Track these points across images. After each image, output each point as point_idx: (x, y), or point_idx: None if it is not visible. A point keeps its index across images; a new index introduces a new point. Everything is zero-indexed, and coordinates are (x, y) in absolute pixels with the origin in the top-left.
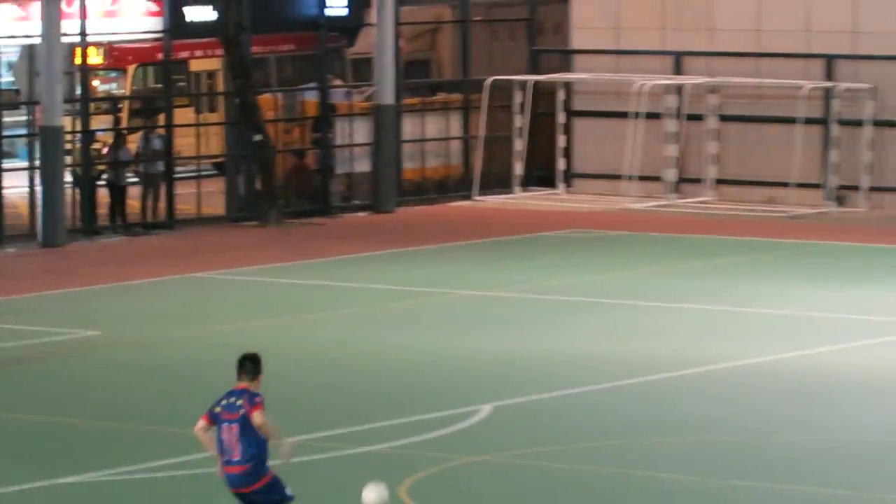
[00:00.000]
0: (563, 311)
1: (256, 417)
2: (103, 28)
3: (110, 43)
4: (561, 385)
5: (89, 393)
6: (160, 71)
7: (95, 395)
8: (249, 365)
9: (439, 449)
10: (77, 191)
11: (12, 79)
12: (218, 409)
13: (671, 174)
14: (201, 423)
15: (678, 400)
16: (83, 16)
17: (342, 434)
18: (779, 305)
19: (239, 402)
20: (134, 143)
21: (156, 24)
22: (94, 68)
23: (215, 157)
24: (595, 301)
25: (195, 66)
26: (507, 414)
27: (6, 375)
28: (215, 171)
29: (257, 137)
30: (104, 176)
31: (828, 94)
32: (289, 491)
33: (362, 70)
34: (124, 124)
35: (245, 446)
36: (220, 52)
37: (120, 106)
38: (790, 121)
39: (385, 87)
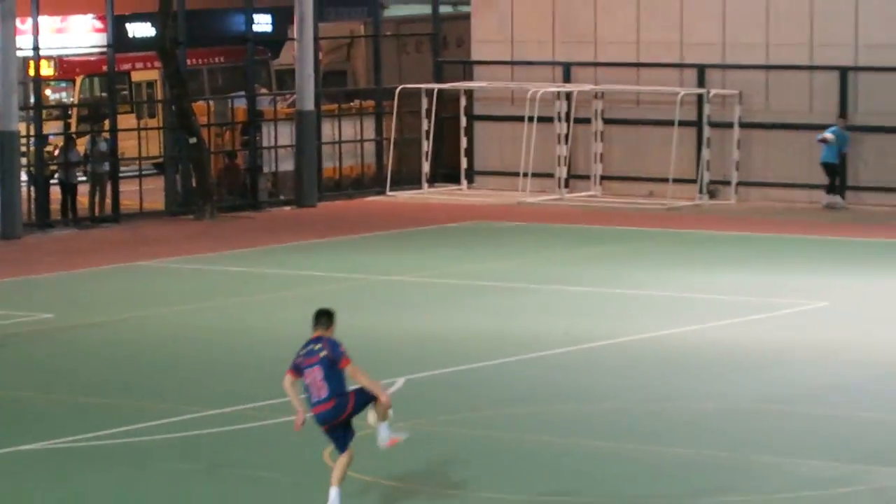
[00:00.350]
0: (468, 294)
1: (349, 371)
2: (54, 43)
3: (60, 56)
4: (468, 360)
5: (43, 370)
6: (105, 81)
7: (48, 372)
8: (324, 318)
9: (359, 417)
10: (32, 189)
11: None
12: (300, 360)
13: (562, 171)
14: (288, 377)
15: (574, 372)
16: (35, 32)
17: (272, 404)
18: (659, 288)
19: (318, 346)
20: (82, 145)
21: (101, 39)
22: (46, 79)
23: (155, 157)
24: (496, 285)
25: (136, 76)
26: (420, 386)
27: None
28: (155, 171)
29: (192, 140)
30: (56, 175)
31: (700, 100)
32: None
33: (285, 80)
34: (73, 129)
35: (330, 385)
36: (158, 64)
37: (69, 112)
38: (668, 123)
39: (306, 95)
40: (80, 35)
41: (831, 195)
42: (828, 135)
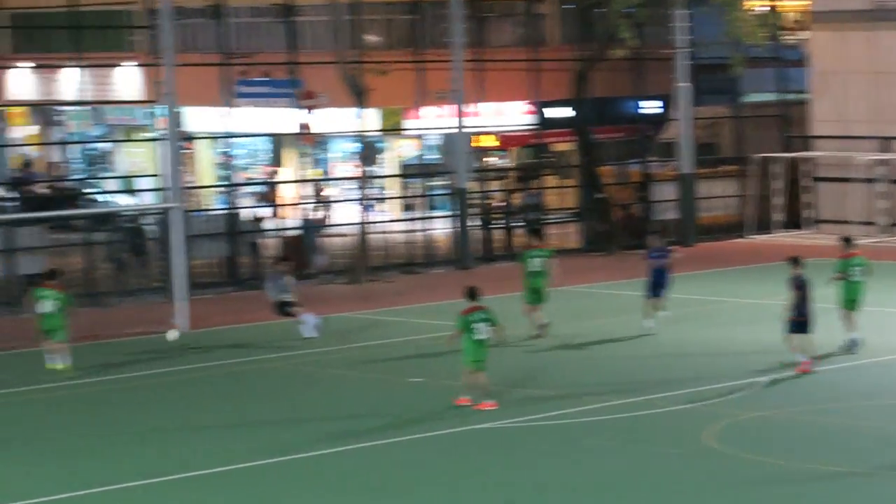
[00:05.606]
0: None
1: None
2: (494, 122)
3: (499, 132)
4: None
5: (498, 366)
6: (533, 151)
7: (497, 365)
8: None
9: (732, 407)
10: (481, 231)
11: (437, 156)
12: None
13: (883, 220)
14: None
15: None
16: (479, 115)
17: (672, 395)
18: None
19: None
20: (517, 199)
21: (530, 119)
22: (489, 149)
23: (572, 208)
24: (832, 307)
25: (557, 147)
26: (781, 383)
27: (433, 359)
28: (573, 218)
29: (599, 195)
30: (498, 221)
31: None
32: None
33: (669, 150)
34: (510, 187)
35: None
36: (573, 138)
37: (506, 174)
38: None
39: (685, 161)
40: (515, 116)
41: None
42: None
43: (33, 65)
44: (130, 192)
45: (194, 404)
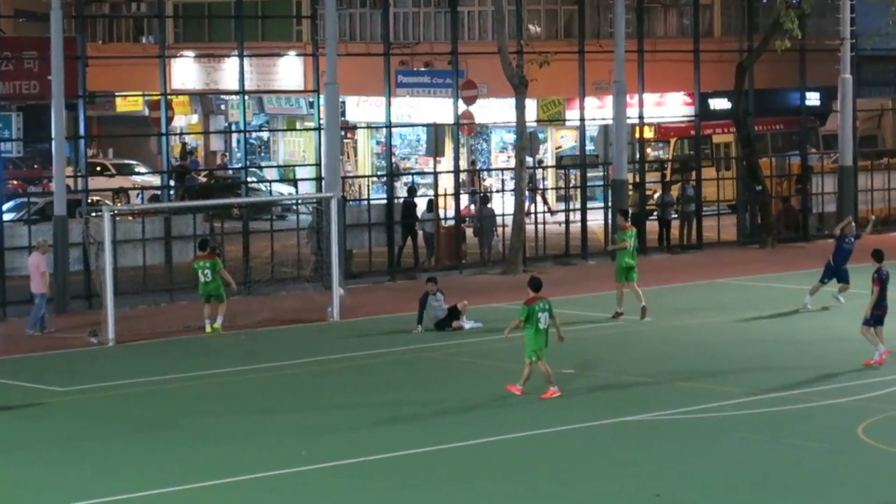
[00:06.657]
0: None
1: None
2: (654, 114)
3: (659, 123)
4: None
5: (643, 358)
6: (692, 142)
7: (647, 360)
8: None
9: (885, 402)
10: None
11: (593, 147)
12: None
13: None
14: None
15: None
16: (640, 105)
17: (816, 391)
18: None
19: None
20: (675, 191)
21: (689, 110)
22: (647, 140)
23: (729, 200)
24: None
25: (716, 139)
26: None
27: (588, 346)
28: (729, 210)
29: (758, 188)
30: (655, 213)
31: None
32: None
33: (830, 142)
34: (668, 178)
35: None
36: (732, 129)
37: (665, 166)
38: None
39: (846, 154)
40: (674, 107)
41: None
42: None
43: (196, 54)
44: (290, 181)
45: (340, 393)
